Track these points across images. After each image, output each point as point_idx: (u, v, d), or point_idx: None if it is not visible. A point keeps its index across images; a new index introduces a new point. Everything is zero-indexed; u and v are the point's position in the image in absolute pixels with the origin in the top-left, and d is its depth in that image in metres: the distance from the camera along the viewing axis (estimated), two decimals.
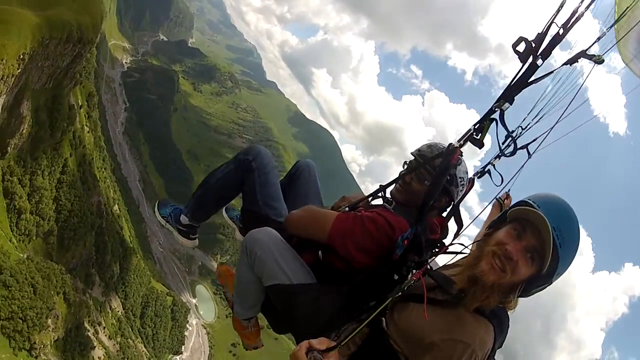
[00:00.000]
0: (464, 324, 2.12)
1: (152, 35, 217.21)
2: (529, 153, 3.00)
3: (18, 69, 49.46)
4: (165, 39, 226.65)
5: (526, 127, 2.88)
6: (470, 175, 3.13)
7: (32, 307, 58.72)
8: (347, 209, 3.16)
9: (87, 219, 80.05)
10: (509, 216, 2.27)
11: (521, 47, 2.43)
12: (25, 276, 58.75)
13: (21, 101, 60.40)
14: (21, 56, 47.33)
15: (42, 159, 70.06)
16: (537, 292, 2.25)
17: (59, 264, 69.94)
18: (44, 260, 66.63)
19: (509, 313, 2.28)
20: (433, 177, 2.73)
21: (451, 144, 2.65)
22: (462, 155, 2.74)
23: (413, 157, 3.06)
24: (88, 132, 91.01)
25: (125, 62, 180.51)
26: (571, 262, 2.15)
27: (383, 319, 2.34)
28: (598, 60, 2.24)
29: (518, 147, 2.85)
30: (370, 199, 3.23)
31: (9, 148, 62.12)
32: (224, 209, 3.91)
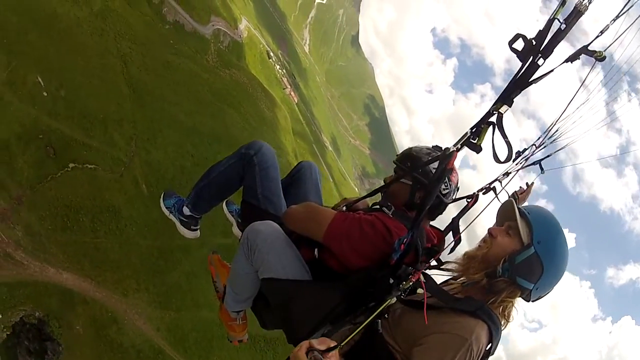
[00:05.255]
0: (460, 320, 2.17)
1: None
2: (541, 169, 2.95)
3: None
4: None
5: (540, 145, 2.87)
6: (473, 191, 3.03)
7: None
8: (344, 208, 3.12)
9: None
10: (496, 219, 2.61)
11: (518, 45, 2.27)
12: None
13: None
14: None
15: None
16: (528, 269, 2.24)
17: None
18: None
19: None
20: (429, 183, 2.74)
21: (448, 147, 2.53)
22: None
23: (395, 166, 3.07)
24: None
25: None
26: (550, 229, 2.31)
27: (379, 321, 2.39)
28: (599, 57, 2.09)
29: (531, 162, 2.89)
30: (369, 202, 3.18)
31: None
32: (224, 202, 3.90)
